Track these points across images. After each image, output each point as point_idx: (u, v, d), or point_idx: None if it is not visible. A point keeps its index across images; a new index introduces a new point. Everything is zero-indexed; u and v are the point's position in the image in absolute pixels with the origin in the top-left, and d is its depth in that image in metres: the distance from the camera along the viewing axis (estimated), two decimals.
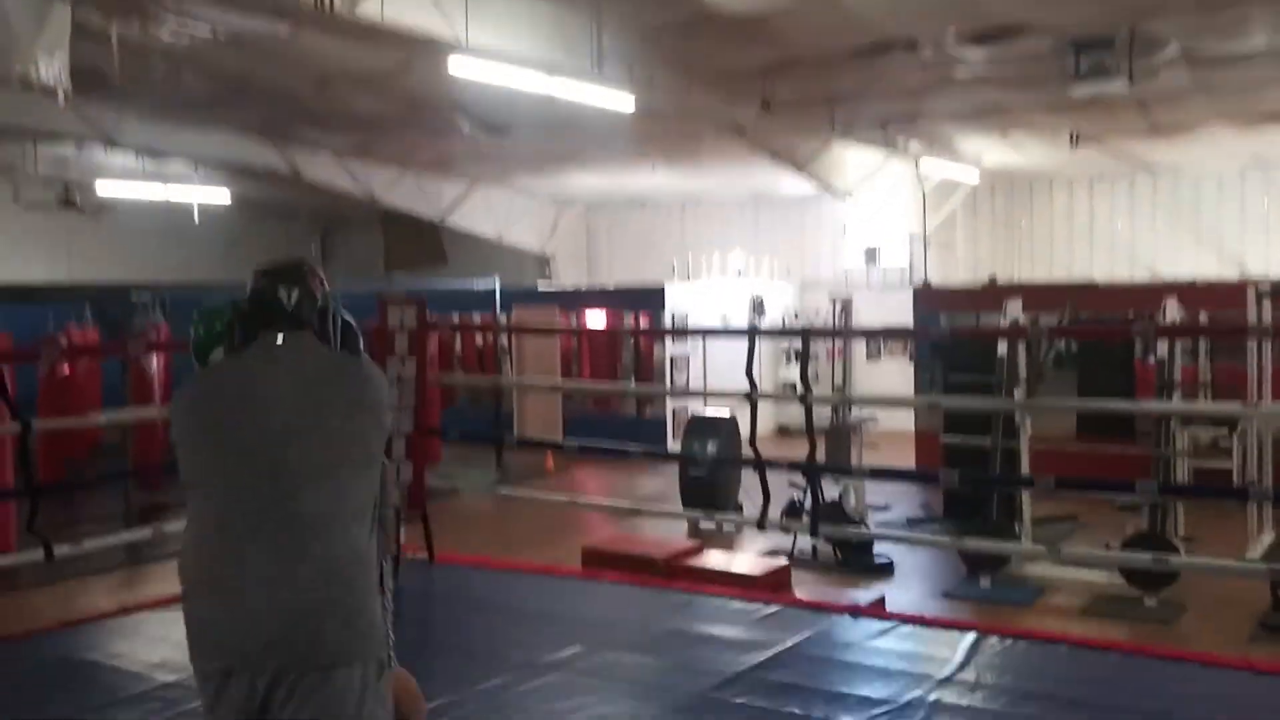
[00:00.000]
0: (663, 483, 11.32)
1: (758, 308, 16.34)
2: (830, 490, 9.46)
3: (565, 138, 13.40)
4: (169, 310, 12.46)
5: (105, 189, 15.61)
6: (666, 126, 12.71)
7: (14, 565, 6.83)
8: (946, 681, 4.85)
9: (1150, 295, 10.31)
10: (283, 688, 2.52)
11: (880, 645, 5.42)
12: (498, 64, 8.69)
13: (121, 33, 8.75)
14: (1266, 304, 8.68)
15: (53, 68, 7.27)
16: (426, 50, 8.74)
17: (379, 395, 2.81)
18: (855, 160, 14.89)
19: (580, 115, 10.97)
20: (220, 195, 16.88)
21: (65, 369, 11.11)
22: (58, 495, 7.10)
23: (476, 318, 15.75)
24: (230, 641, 2.55)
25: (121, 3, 8.38)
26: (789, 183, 16.18)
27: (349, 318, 2.92)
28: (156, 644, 5.44)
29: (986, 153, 14.44)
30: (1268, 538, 8.27)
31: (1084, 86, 9.21)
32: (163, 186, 15.78)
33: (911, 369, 13.95)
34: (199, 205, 16.62)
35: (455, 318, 15.49)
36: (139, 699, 4.76)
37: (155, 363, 11.43)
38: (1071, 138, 12.97)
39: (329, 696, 2.53)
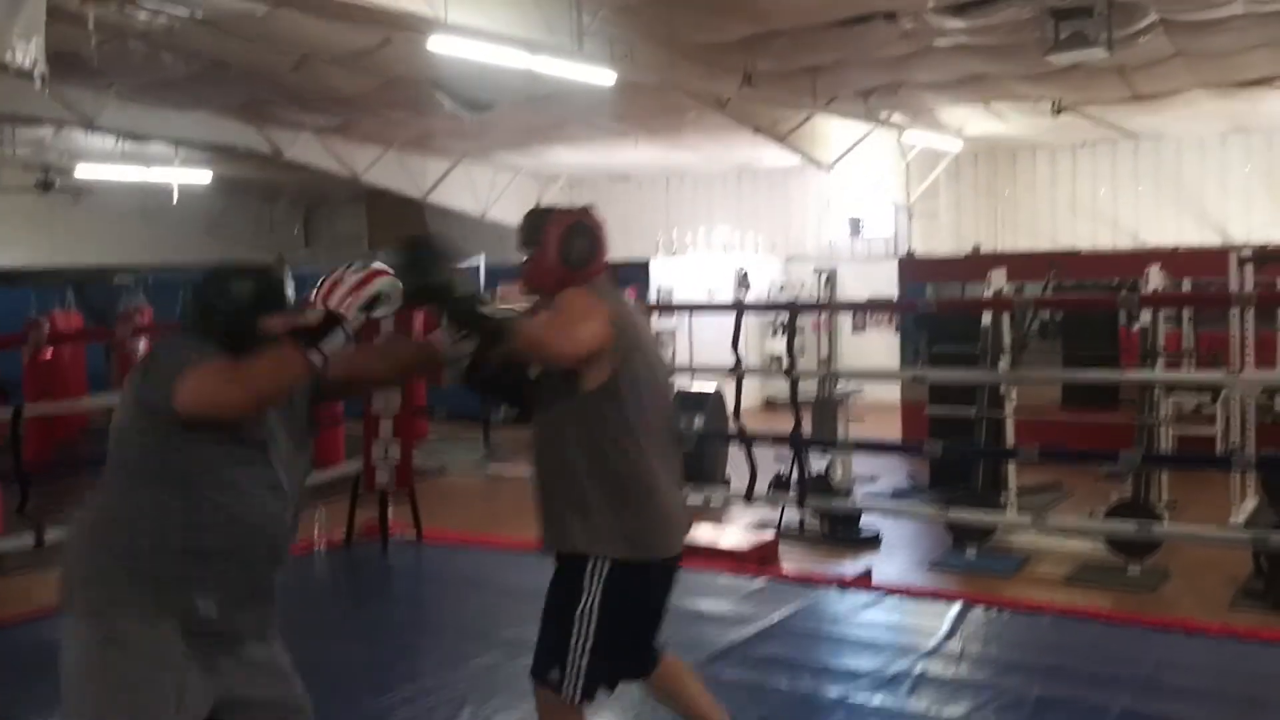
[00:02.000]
0: None
1: (742, 282, 16.34)
2: (817, 463, 9.51)
3: (547, 113, 13.35)
4: (151, 292, 12.41)
5: (85, 171, 15.51)
6: (648, 101, 12.67)
7: (3, 551, 6.81)
8: (932, 653, 4.90)
9: (1133, 262, 10.36)
10: None
11: (867, 618, 5.47)
12: (478, 41, 8.65)
13: (98, 15, 8.68)
14: (1248, 270, 8.72)
15: (29, 51, 7.20)
16: (406, 28, 8.69)
17: (137, 376, 2.71)
18: (838, 132, 14.87)
19: (562, 90, 10.93)
20: (202, 176, 16.79)
21: (49, 353, 11.07)
22: (47, 479, 7.08)
23: None
24: None
25: None
26: (772, 155, 16.16)
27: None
28: None
29: (969, 122, 14.43)
30: (1250, 503, 8.34)
31: (1064, 55, 9.21)
32: (143, 168, 15.69)
33: (897, 340, 13.99)
34: (180, 186, 16.52)
35: None
36: None
37: (140, 345, 11.38)
38: (1053, 106, 12.98)
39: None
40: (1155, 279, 8.51)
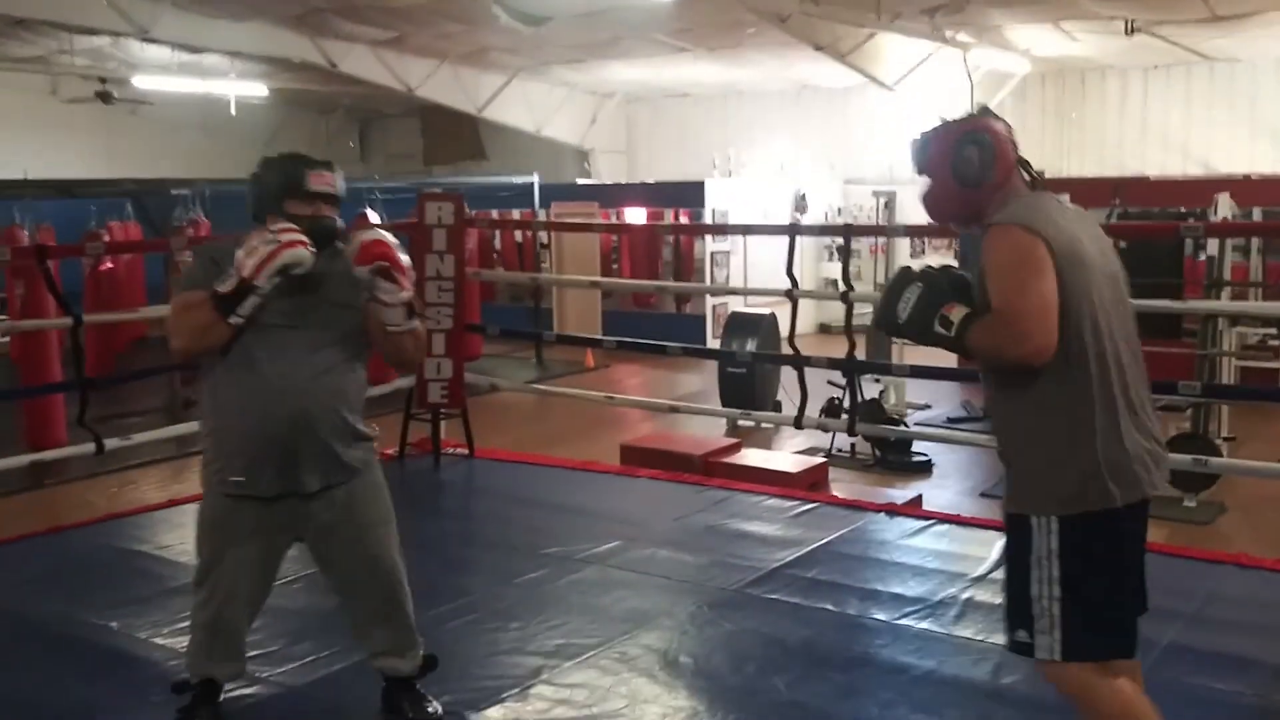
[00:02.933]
0: (701, 380, 11.35)
1: (799, 204, 16.15)
2: (870, 388, 9.46)
3: (604, 28, 13.15)
4: (209, 205, 12.47)
5: (142, 83, 15.55)
6: (707, 15, 12.43)
7: (65, 458, 6.96)
8: (980, 580, 4.87)
9: (1202, 190, 10.08)
10: None
11: (915, 544, 5.44)
12: None
13: None
14: None
15: None
16: None
17: None
18: (901, 50, 14.51)
19: (619, 4, 10.76)
20: (258, 89, 16.80)
21: (108, 263, 11.20)
22: (107, 388, 7.20)
23: (515, 213, 15.67)
24: None
25: None
26: (833, 74, 15.83)
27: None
28: None
29: (1037, 42, 14.02)
30: None
31: None
32: (200, 80, 15.71)
33: (956, 265, 13.77)
34: (236, 99, 16.54)
35: (494, 213, 15.44)
36: (186, 589, 4.87)
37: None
38: (1126, 26, 12.56)
39: None
40: (1224, 207, 8.29)
